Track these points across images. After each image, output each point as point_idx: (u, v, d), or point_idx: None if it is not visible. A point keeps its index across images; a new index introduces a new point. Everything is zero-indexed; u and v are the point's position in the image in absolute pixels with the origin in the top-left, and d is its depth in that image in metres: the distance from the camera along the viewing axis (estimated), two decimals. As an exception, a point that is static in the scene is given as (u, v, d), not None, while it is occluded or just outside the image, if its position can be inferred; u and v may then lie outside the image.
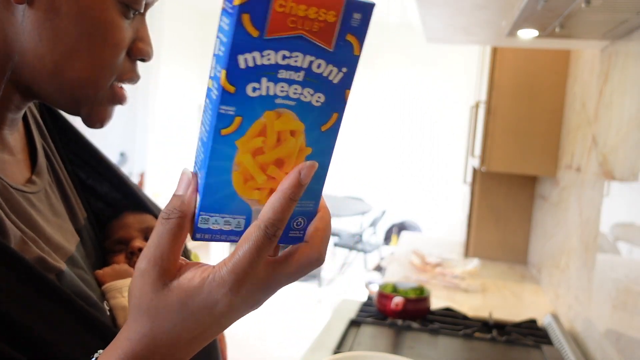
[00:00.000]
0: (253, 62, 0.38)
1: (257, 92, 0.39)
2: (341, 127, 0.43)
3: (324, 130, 0.41)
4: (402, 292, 1.69)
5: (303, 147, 0.41)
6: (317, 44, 0.38)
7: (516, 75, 2.17)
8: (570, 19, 1.27)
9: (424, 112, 6.79)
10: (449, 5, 1.37)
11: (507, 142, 2.18)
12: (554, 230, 2.08)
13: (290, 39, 0.37)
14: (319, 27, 0.37)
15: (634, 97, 1.32)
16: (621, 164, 1.37)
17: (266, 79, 0.38)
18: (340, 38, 0.38)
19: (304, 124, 0.40)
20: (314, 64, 0.39)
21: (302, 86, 0.39)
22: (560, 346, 1.51)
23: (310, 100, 0.40)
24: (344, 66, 0.39)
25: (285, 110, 0.40)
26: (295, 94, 0.39)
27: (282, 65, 0.38)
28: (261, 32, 0.37)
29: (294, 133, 0.40)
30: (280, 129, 0.40)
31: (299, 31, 0.37)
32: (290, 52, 0.38)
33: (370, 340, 1.51)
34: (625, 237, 1.32)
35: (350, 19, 0.37)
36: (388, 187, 6.91)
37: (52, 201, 0.61)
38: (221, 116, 0.39)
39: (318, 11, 0.37)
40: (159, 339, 0.43)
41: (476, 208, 2.66)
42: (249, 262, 0.40)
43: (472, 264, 2.38)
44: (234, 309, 0.42)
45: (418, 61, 6.74)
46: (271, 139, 0.40)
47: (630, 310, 1.22)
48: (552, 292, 2.04)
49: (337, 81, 0.40)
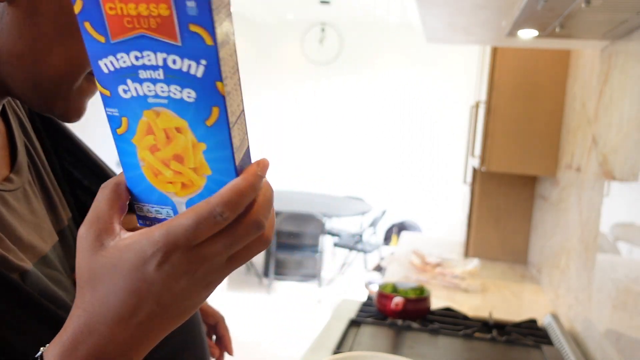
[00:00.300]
0: (112, 66, 0.39)
1: (128, 93, 0.40)
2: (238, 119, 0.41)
3: (209, 125, 0.39)
4: (402, 292, 1.69)
5: (195, 143, 0.40)
6: (163, 40, 0.37)
7: (516, 75, 2.17)
8: (570, 19, 1.27)
9: (424, 112, 6.79)
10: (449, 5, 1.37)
11: (507, 142, 2.18)
12: (554, 230, 2.08)
13: (134, 39, 0.37)
14: (157, 23, 0.37)
15: (634, 97, 1.32)
16: (621, 164, 1.37)
17: (131, 81, 0.39)
18: (184, 30, 0.36)
19: (186, 120, 0.40)
20: (168, 60, 0.38)
21: (167, 84, 0.39)
22: (560, 346, 1.51)
23: (182, 97, 0.39)
24: (202, 58, 0.37)
25: (162, 108, 0.40)
26: (163, 92, 0.39)
27: (138, 66, 0.38)
28: (106, 37, 0.38)
29: (179, 130, 0.40)
30: (164, 126, 0.40)
31: (139, 30, 0.37)
32: (140, 52, 0.38)
33: (370, 340, 1.51)
34: (625, 237, 1.32)
35: (185, 8, 0.36)
36: (388, 187, 6.91)
37: (30, 200, 0.60)
38: (110, 117, 0.41)
39: (148, 7, 0.36)
40: (97, 312, 0.41)
41: (476, 208, 2.66)
42: (184, 229, 0.38)
43: (472, 264, 2.38)
44: (171, 279, 0.40)
45: (418, 61, 6.74)
46: (160, 137, 0.40)
47: (630, 310, 1.22)
48: (552, 292, 2.04)
49: (200, 75, 0.38)
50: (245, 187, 0.39)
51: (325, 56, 6.97)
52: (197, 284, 0.41)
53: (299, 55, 7.05)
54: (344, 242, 5.71)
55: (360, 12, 6.45)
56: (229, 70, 0.39)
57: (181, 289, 0.40)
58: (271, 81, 7.17)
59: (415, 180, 6.85)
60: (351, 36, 6.92)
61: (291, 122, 7.16)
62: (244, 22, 7.09)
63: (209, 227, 0.39)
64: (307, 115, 7.12)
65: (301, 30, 6.99)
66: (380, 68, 6.90)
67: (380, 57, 6.90)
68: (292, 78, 7.14)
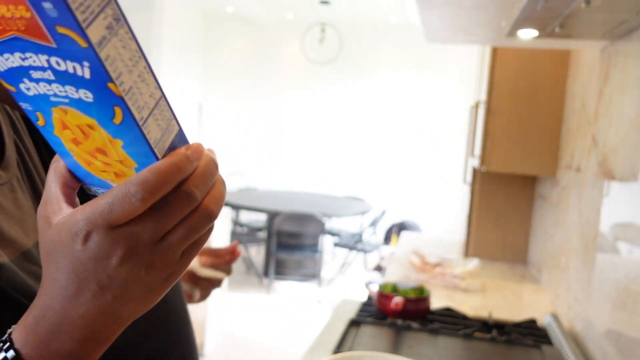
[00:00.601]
0: (4, 65, 0.37)
1: (30, 91, 0.38)
2: (154, 109, 0.40)
3: (117, 123, 0.38)
4: (402, 292, 1.69)
5: (111, 139, 0.39)
6: (38, 42, 0.35)
7: (516, 75, 2.17)
8: (570, 19, 1.27)
9: (424, 112, 6.79)
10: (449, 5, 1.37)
11: (507, 142, 2.18)
12: (554, 230, 2.08)
13: (10, 40, 0.36)
14: (25, 25, 0.34)
15: (634, 97, 1.32)
16: (621, 164, 1.37)
17: (28, 80, 0.38)
18: (53, 32, 0.34)
19: (93, 118, 0.38)
20: (52, 62, 0.36)
21: (61, 84, 0.37)
22: (560, 346, 1.51)
23: (80, 97, 0.37)
24: (84, 60, 0.35)
25: (67, 107, 0.38)
26: (61, 92, 0.37)
27: (28, 67, 0.37)
28: None
29: (91, 127, 0.39)
30: (76, 123, 0.39)
31: (11, 32, 0.35)
32: (23, 53, 0.36)
33: (370, 340, 1.51)
34: (625, 237, 1.32)
35: (44, 10, 0.33)
36: (388, 187, 6.91)
37: (17, 195, 0.60)
38: (27, 111, 0.40)
39: (9, 9, 0.34)
40: (50, 290, 0.42)
41: (476, 208, 2.66)
42: (101, 208, 0.39)
43: (472, 263, 2.38)
44: (99, 258, 0.40)
45: (418, 61, 6.74)
46: (77, 132, 0.39)
47: (630, 310, 1.22)
48: (552, 292, 2.04)
49: (89, 76, 0.36)
50: (165, 167, 0.39)
51: (325, 56, 6.97)
52: (135, 267, 0.40)
53: (299, 55, 7.05)
54: (344, 242, 5.71)
55: (360, 12, 6.46)
56: (124, 66, 0.36)
57: (116, 270, 0.40)
58: (271, 81, 7.17)
59: (415, 180, 6.85)
60: (351, 36, 6.91)
61: (291, 122, 7.16)
62: (244, 22, 7.09)
63: (124, 206, 0.38)
64: (307, 115, 7.11)
65: (301, 30, 6.99)
66: (380, 68, 6.90)
67: (380, 57, 6.90)
68: (292, 78, 7.14)
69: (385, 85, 6.88)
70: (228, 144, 7.29)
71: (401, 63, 6.83)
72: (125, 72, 0.36)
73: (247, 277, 5.57)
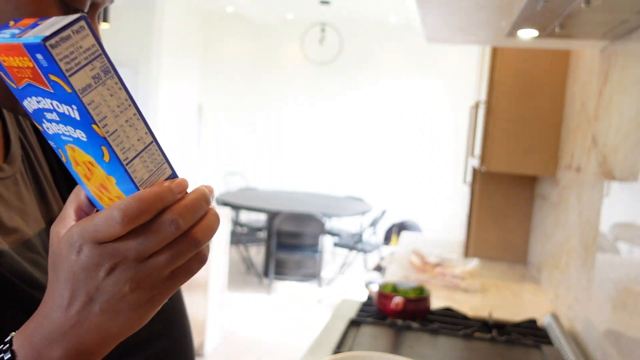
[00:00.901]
0: (29, 107, 0.44)
1: (50, 130, 0.44)
2: (143, 152, 0.44)
3: (107, 162, 0.43)
4: (402, 292, 1.69)
5: (106, 176, 0.44)
6: (42, 88, 0.41)
7: (516, 75, 2.17)
8: (570, 19, 1.27)
9: (424, 112, 6.79)
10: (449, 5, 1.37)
11: (507, 142, 2.18)
12: (554, 230, 2.08)
13: (28, 86, 0.42)
14: (32, 73, 0.40)
15: (634, 97, 1.32)
16: (621, 164, 1.37)
17: (45, 120, 0.44)
18: (48, 79, 0.40)
19: (91, 156, 0.43)
20: (54, 104, 0.41)
21: (64, 124, 0.42)
22: (560, 346, 1.51)
23: (78, 137, 0.42)
24: (72, 104, 0.41)
25: (73, 145, 0.44)
26: (67, 132, 0.43)
27: (42, 109, 0.43)
28: (15, 84, 0.43)
29: (92, 164, 0.44)
30: (82, 160, 0.44)
31: (26, 79, 0.41)
32: (36, 97, 0.42)
33: (370, 340, 1.51)
34: (625, 237, 1.32)
35: (38, 60, 0.39)
36: (388, 187, 6.91)
37: (20, 189, 0.64)
38: (55, 150, 0.46)
39: (21, 59, 0.40)
40: (49, 299, 0.45)
41: (476, 208, 2.66)
42: (88, 227, 0.43)
43: (472, 264, 2.38)
44: (89, 271, 0.43)
45: (418, 61, 6.74)
46: (84, 169, 0.45)
47: (630, 310, 1.22)
48: (552, 292, 2.04)
49: (79, 118, 0.41)
50: (146, 195, 0.43)
51: (325, 56, 6.97)
52: (120, 281, 0.44)
53: (299, 55, 7.05)
54: (344, 242, 5.71)
55: (360, 12, 6.46)
56: (110, 111, 0.41)
57: (103, 281, 0.43)
58: (271, 81, 7.17)
59: (415, 180, 6.85)
60: (351, 36, 6.91)
61: (291, 122, 7.16)
62: (244, 22, 7.09)
63: (107, 227, 0.42)
64: (307, 115, 7.11)
65: (301, 30, 6.99)
66: (380, 68, 6.90)
67: (380, 57, 6.90)
68: (292, 78, 7.14)
69: (385, 85, 6.88)
70: (228, 144, 7.29)
71: (401, 63, 6.83)
72: (110, 116, 0.42)
73: (247, 277, 5.57)
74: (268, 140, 7.23)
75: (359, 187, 6.85)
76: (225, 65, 7.26)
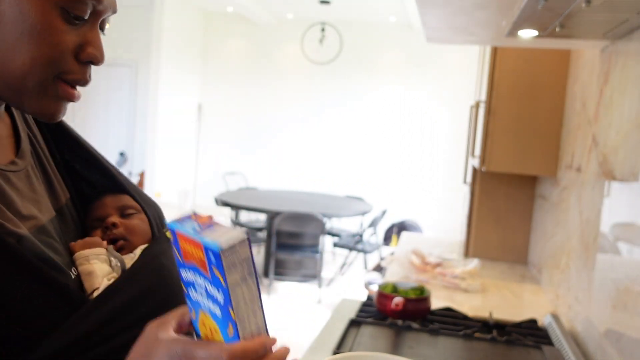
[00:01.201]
0: (185, 276, 0.57)
1: (194, 296, 0.57)
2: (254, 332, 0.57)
3: (231, 336, 0.55)
4: (402, 292, 1.69)
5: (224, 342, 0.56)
6: (203, 273, 0.54)
7: (516, 75, 2.17)
8: (570, 18, 1.27)
9: (424, 112, 6.79)
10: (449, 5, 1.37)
11: (507, 142, 2.18)
12: (554, 230, 2.08)
13: (191, 266, 0.56)
14: (200, 261, 0.54)
15: (634, 97, 1.32)
16: (621, 164, 1.37)
17: (193, 289, 0.57)
18: (211, 270, 0.53)
19: (219, 327, 0.55)
20: (206, 285, 0.54)
21: (207, 299, 0.55)
22: (560, 346, 1.51)
23: (215, 312, 0.55)
24: (221, 291, 0.53)
25: (207, 313, 0.56)
26: (207, 304, 0.55)
27: (194, 282, 0.56)
28: (182, 258, 0.56)
29: (215, 330, 0.56)
30: (208, 325, 0.56)
31: (193, 261, 0.55)
32: (195, 274, 0.56)
33: (370, 340, 1.51)
34: (625, 237, 1.32)
35: (209, 257, 0.53)
36: (388, 187, 6.91)
37: (32, 181, 0.70)
38: (189, 309, 0.59)
39: (196, 250, 0.54)
40: None
41: (476, 208, 2.66)
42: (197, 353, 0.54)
43: (472, 264, 2.38)
44: None
45: (418, 61, 6.74)
46: (207, 331, 0.57)
47: (630, 310, 1.22)
48: (552, 292, 2.04)
49: (221, 301, 0.54)
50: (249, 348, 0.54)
51: (325, 56, 6.97)
52: None
53: (299, 55, 7.05)
54: (344, 242, 5.70)
55: (360, 12, 6.45)
56: (243, 302, 0.55)
57: None
58: (271, 81, 7.17)
59: (415, 180, 6.85)
60: (351, 36, 6.91)
61: (291, 122, 7.16)
62: (244, 22, 7.09)
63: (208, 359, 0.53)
64: (307, 115, 7.11)
65: (301, 30, 6.99)
66: (380, 68, 6.90)
67: (380, 57, 6.90)
68: (292, 78, 7.14)
69: (385, 85, 6.88)
70: (228, 143, 7.29)
71: (401, 63, 6.83)
72: (242, 306, 0.55)
73: (247, 277, 5.56)
74: (268, 140, 7.23)
75: (359, 187, 6.85)
76: (225, 65, 7.26)
